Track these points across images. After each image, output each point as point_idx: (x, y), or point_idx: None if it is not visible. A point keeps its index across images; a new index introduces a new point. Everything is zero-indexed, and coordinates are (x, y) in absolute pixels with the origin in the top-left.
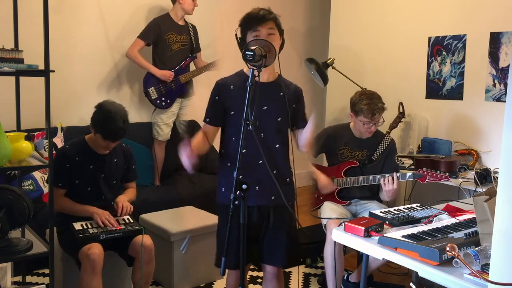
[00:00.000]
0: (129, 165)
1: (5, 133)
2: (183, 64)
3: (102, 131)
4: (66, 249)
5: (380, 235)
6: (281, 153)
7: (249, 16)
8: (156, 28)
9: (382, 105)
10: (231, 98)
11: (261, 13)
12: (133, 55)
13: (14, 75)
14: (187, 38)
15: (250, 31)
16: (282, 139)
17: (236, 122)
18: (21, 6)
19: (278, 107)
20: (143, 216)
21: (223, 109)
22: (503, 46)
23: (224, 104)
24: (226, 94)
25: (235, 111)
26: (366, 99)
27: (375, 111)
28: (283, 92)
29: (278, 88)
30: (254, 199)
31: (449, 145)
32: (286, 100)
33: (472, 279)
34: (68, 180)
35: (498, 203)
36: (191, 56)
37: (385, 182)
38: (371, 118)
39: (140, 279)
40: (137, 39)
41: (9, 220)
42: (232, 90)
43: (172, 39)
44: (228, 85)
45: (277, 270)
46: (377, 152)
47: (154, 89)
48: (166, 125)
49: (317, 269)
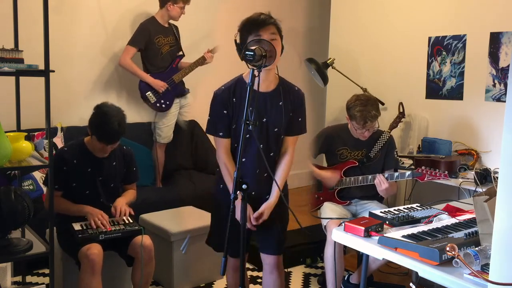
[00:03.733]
0: (129, 168)
1: (5, 133)
2: (174, 64)
3: (97, 133)
4: (66, 249)
5: (380, 235)
6: (273, 160)
7: (250, 20)
8: (146, 33)
9: (375, 113)
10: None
11: (262, 18)
12: (127, 64)
13: (14, 75)
14: (173, 39)
15: (251, 36)
16: (277, 148)
17: (238, 131)
18: (21, 6)
19: (276, 118)
20: (143, 216)
21: (230, 121)
22: (503, 46)
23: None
24: (231, 106)
25: (237, 124)
26: (360, 105)
27: (367, 119)
28: (282, 102)
29: (278, 98)
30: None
31: (449, 145)
32: (283, 110)
33: (472, 279)
34: (65, 183)
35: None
36: (179, 56)
37: (376, 182)
38: (363, 126)
39: (140, 279)
40: (128, 46)
41: (9, 220)
42: (235, 105)
43: (160, 42)
44: (231, 98)
45: (276, 261)
46: (374, 149)
47: (151, 93)
48: (168, 128)
49: (317, 269)
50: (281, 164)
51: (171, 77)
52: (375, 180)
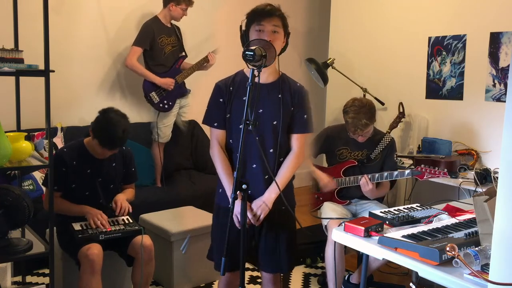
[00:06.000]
0: (128, 168)
1: (5, 133)
2: (177, 65)
3: (100, 138)
4: (66, 249)
5: (380, 235)
6: (274, 158)
7: (256, 9)
8: (151, 33)
9: (366, 121)
10: (230, 100)
11: (268, 8)
12: (134, 66)
13: (14, 75)
14: (175, 39)
15: (254, 24)
16: (277, 144)
17: (231, 124)
18: (21, 6)
19: (274, 110)
20: (143, 216)
21: (225, 111)
22: (503, 46)
23: (227, 106)
24: (228, 96)
25: (231, 113)
26: (352, 112)
27: (357, 128)
28: (281, 94)
29: (277, 90)
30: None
31: (449, 145)
32: (281, 103)
33: (472, 279)
34: (64, 184)
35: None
36: (183, 56)
37: (361, 183)
38: (354, 132)
39: (140, 279)
40: (134, 47)
41: (9, 220)
42: (231, 92)
43: (164, 42)
44: (228, 87)
45: (273, 276)
46: (376, 150)
47: (155, 93)
48: (168, 127)
49: (317, 269)
50: (283, 163)
51: (174, 78)
52: (360, 181)
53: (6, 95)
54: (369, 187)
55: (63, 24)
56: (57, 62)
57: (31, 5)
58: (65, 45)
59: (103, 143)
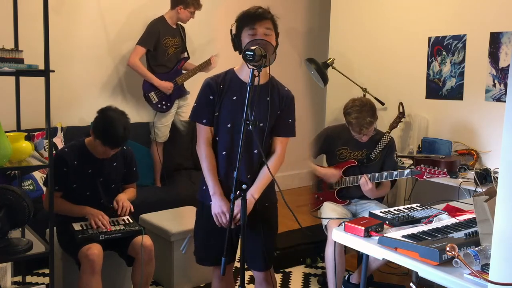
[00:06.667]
0: (129, 168)
1: (5, 133)
2: (179, 66)
3: (102, 138)
4: (66, 249)
5: (380, 235)
6: (258, 159)
7: (247, 13)
8: (156, 33)
9: (370, 119)
10: (220, 98)
11: (260, 11)
12: (136, 65)
13: (14, 75)
14: (179, 40)
15: (246, 28)
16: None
17: (219, 122)
18: (21, 6)
19: (261, 112)
20: (143, 216)
21: (215, 108)
22: (503, 46)
23: (216, 104)
24: (218, 94)
25: (220, 112)
26: (355, 112)
27: (363, 126)
28: (269, 97)
29: (266, 92)
30: None
31: (449, 145)
32: (269, 106)
33: (472, 279)
34: (65, 184)
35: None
36: (185, 58)
37: (360, 183)
38: (359, 132)
39: (140, 279)
40: (137, 46)
41: (9, 220)
42: (222, 90)
43: (168, 43)
44: (219, 84)
45: (264, 274)
46: (375, 150)
47: (154, 93)
48: (166, 127)
49: (317, 269)
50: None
51: (175, 79)
52: (360, 180)
53: (6, 95)
54: (369, 186)
55: (63, 24)
56: (57, 62)
57: (31, 5)
58: (65, 45)
59: (106, 142)
